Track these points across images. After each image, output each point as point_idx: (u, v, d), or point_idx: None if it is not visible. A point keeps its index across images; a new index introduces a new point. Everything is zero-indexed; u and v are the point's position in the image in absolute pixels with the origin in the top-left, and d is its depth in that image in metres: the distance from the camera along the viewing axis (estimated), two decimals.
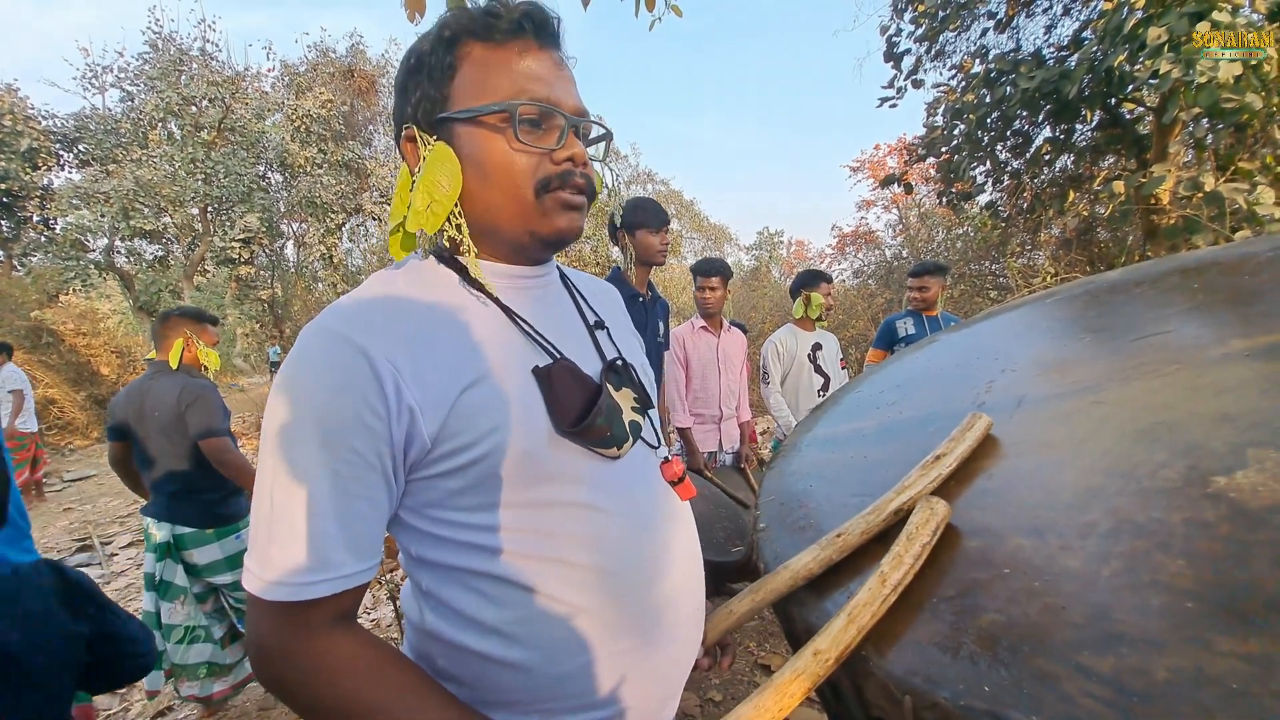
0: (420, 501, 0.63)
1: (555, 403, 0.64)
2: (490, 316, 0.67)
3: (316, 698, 0.56)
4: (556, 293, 0.78)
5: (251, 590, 0.57)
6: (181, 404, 2.21)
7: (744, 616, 0.82)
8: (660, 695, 0.70)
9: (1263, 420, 0.68)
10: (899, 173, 7.64)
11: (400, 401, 0.58)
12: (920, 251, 11.09)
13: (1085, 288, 1.35)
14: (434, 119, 0.67)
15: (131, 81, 13.44)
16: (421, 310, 0.64)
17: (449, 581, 0.64)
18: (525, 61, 0.66)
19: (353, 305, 0.63)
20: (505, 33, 0.66)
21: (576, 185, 0.68)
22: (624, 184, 18.16)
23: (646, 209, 2.43)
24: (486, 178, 0.66)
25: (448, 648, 0.65)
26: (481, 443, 0.60)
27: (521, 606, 0.62)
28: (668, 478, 0.75)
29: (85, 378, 10.53)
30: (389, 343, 0.59)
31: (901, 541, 0.67)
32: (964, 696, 0.51)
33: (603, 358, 0.74)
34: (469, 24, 0.66)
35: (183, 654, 2.29)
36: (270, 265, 16.19)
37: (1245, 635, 0.46)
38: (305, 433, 0.56)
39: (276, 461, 0.57)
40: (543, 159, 0.66)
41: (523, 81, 0.65)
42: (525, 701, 0.63)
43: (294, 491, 0.56)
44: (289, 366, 0.59)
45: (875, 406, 1.24)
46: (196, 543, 2.27)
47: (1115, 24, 4.41)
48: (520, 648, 0.62)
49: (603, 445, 0.66)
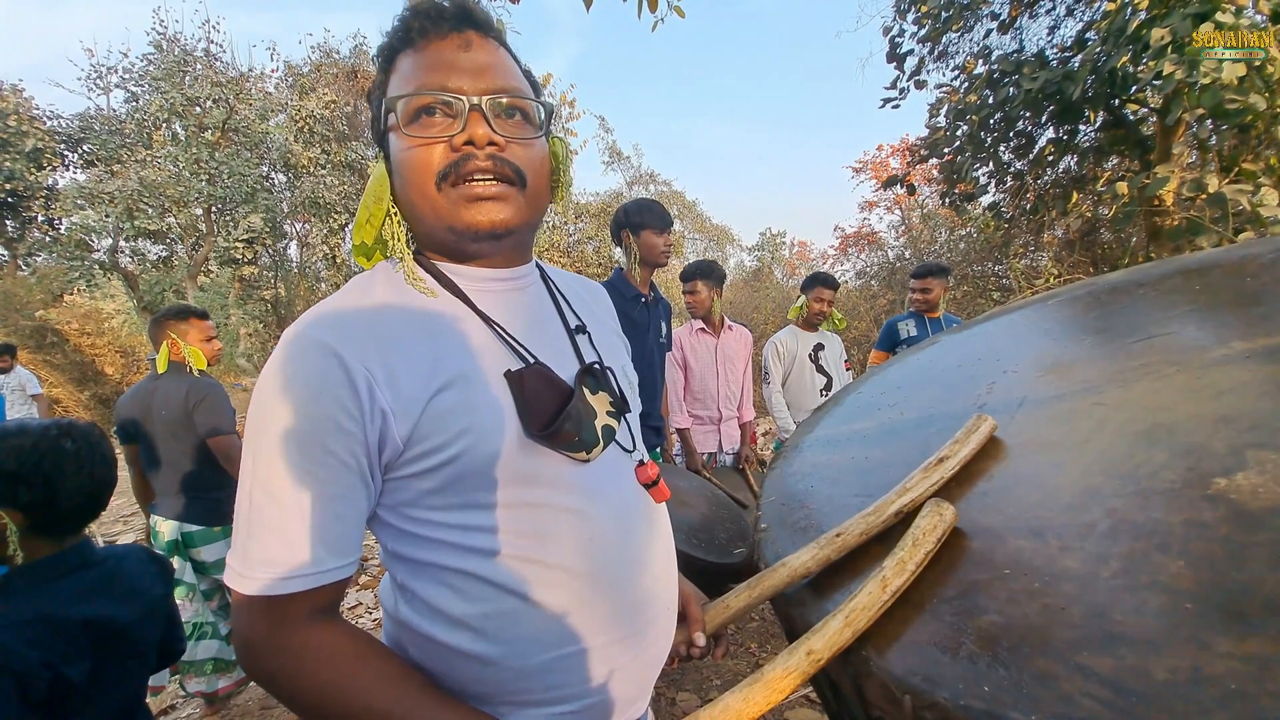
0: (395, 500, 0.65)
1: (526, 407, 0.65)
2: (465, 321, 0.68)
3: (298, 688, 0.58)
4: (536, 295, 0.78)
5: (232, 586, 0.59)
6: (189, 402, 2.25)
7: (739, 611, 0.83)
8: (629, 693, 0.71)
9: (1262, 422, 0.68)
10: (902, 174, 7.62)
11: (374, 404, 0.59)
12: (923, 253, 11.08)
13: (1087, 289, 1.35)
14: (379, 137, 0.71)
15: (136, 82, 13.49)
16: (396, 315, 0.65)
17: (422, 576, 0.65)
18: (424, 55, 0.66)
19: (329, 311, 0.64)
20: (417, 32, 0.67)
21: (479, 169, 0.64)
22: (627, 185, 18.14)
23: (651, 210, 2.45)
24: (401, 180, 0.68)
25: (419, 638, 0.66)
26: (452, 445, 0.61)
27: (491, 602, 0.63)
28: (642, 480, 0.75)
29: (90, 377, 10.58)
30: (363, 347, 0.61)
31: (906, 546, 0.67)
32: (964, 696, 0.51)
33: (581, 361, 0.74)
34: (394, 38, 0.69)
35: (190, 650, 2.31)
36: (274, 265, 16.23)
37: (1244, 636, 0.47)
38: (283, 435, 0.58)
39: (256, 462, 0.59)
40: (444, 149, 0.64)
41: (420, 75, 0.65)
42: (492, 694, 0.65)
43: (272, 491, 0.58)
44: (269, 371, 0.61)
45: (877, 407, 1.24)
46: (205, 540, 2.31)
47: (1118, 25, 4.40)
48: (487, 641, 0.63)
49: (571, 449, 0.67)
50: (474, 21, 0.68)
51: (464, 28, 0.67)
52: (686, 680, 2.51)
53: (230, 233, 13.98)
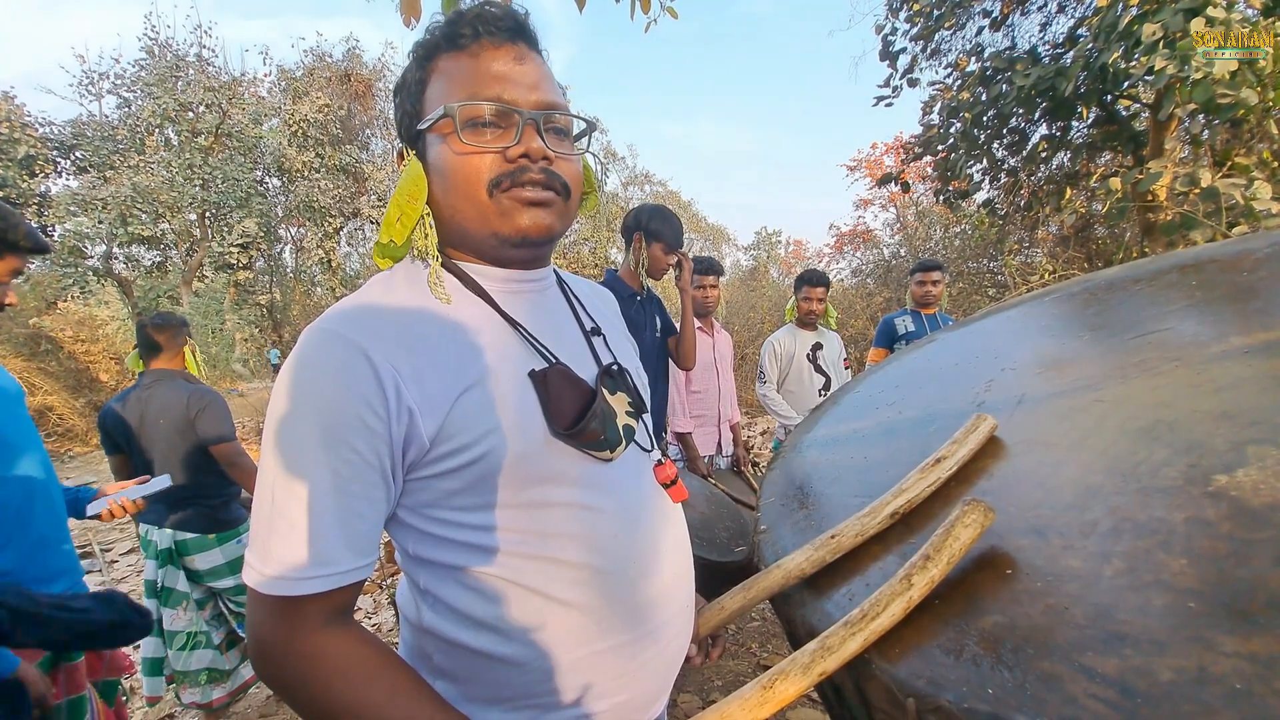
0: (418, 501, 0.64)
1: (550, 406, 0.65)
2: (487, 320, 0.68)
3: (312, 696, 0.57)
4: (554, 297, 0.79)
5: (250, 584, 0.58)
6: (191, 410, 2.23)
7: (735, 613, 0.83)
8: (651, 690, 0.71)
9: (1263, 418, 0.68)
10: (896, 171, 7.64)
11: (400, 402, 0.59)
12: (918, 250, 11.09)
13: (1083, 285, 1.35)
14: (411, 134, 0.70)
15: (128, 88, 13.44)
16: (421, 313, 0.65)
17: (446, 579, 0.65)
18: (479, 62, 0.66)
19: (354, 307, 0.64)
20: (467, 37, 0.67)
21: (533, 181, 0.66)
22: (622, 185, 18.14)
23: (671, 226, 2.40)
24: (445, 184, 0.67)
25: (444, 644, 0.66)
26: (478, 444, 0.61)
27: (517, 603, 0.63)
28: (660, 480, 0.76)
29: (84, 384, 10.51)
30: (389, 345, 0.60)
31: (940, 565, 0.63)
32: (967, 699, 0.51)
33: (598, 362, 0.75)
34: (437, 37, 0.68)
35: (185, 660, 2.29)
36: (268, 270, 16.18)
37: (1248, 634, 0.46)
38: (307, 432, 0.57)
39: (278, 459, 0.58)
40: (496, 158, 0.65)
41: (473, 83, 0.65)
42: (520, 696, 0.65)
43: (295, 489, 0.57)
44: (291, 367, 0.60)
45: (875, 407, 1.24)
46: (199, 548, 2.29)
47: (1110, 21, 4.42)
48: (515, 644, 0.63)
49: (596, 448, 0.67)
50: (526, 35, 0.69)
51: (517, 40, 0.68)
52: (688, 681, 2.51)
53: (224, 238, 13.94)
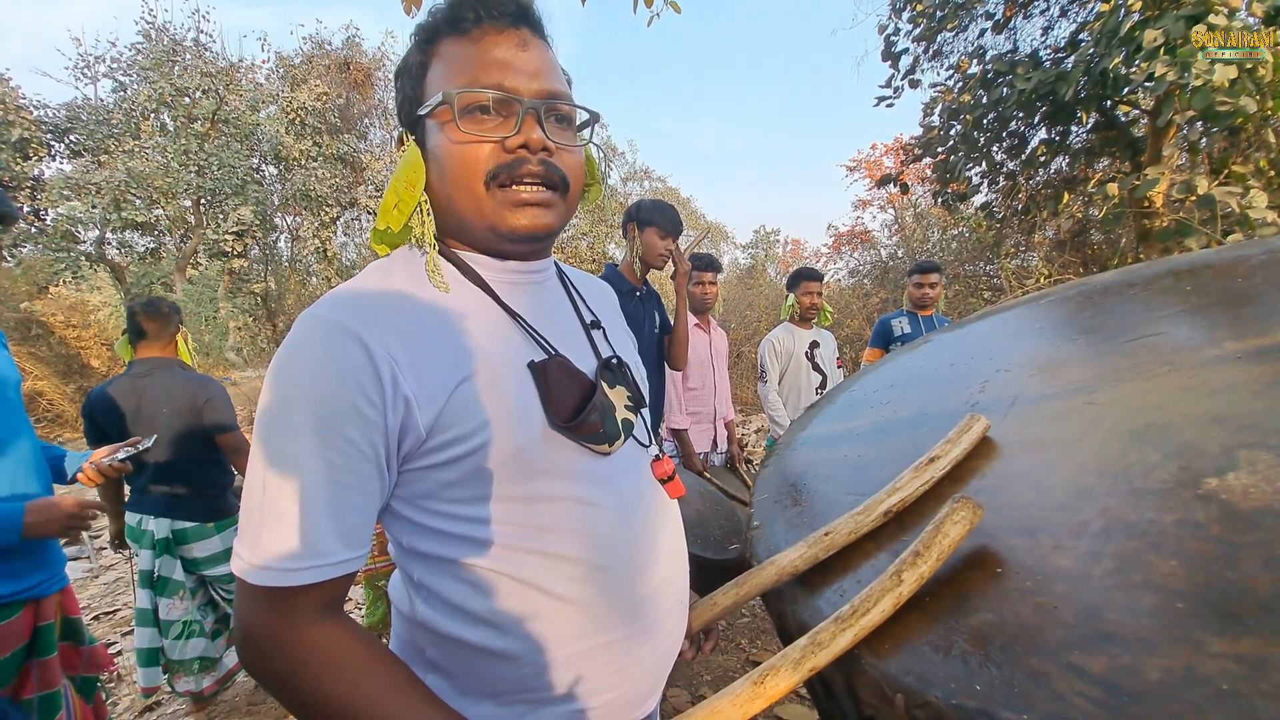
0: (413, 493, 0.63)
1: (550, 398, 0.64)
2: (487, 310, 0.67)
3: (301, 689, 0.56)
4: (554, 289, 0.78)
5: (239, 573, 0.56)
6: (199, 399, 2.23)
7: (727, 609, 0.83)
8: (644, 686, 0.71)
9: (1254, 422, 0.68)
10: (895, 173, 7.65)
11: (397, 391, 0.58)
12: (916, 251, 11.12)
13: (1079, 289, 1.36)
14: (411, 120, 0.68)
15: (124, 72, 13.29)
16: (419, 302, 0.64)
17: (440, 572, 0.64)
18: (480, 48, 0.64)
19: (350, 295, 0.62)
20: (470, 21, 0.65)
21: (531, 174, 0.64)
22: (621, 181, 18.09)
23: (664, 212, 2.43)
24: (443, 173, 0.66)
25: (437, 638, 0.65)
26: (476, 435, 0.60)
27: (512, 598, 0.62)
28: (658, 475, 0.76)
29: (75, 370, 10.44)
30: (386, 333, 0.59)
31: (929, 560, 0.63)
32: (956, 695, 0.51)
33: (598, 355, 0.74)
34: (439, 20, 0.66)
35: (180, 649, 2.29)
36: (264, 258, 16.06)
37: (1236, 636, 0.47)
38: (300, 420, 0.56)
39: (270, 447, 0.56)
40: (494, 148, 0.64)
41: (474, 69, 0.64)
42: (513, 691, 0.64)
43: (287, 478, 0.55)
44: (285, 353, 0.59)
45: (869, 406, 1.24)
46: (198, 536, 2.29)
47: (1111, 26, 4.43)
48: (509, 638, 0.63)
49: (595, 441, 0.66)
50: (530, 20, 0.67)
51: (520, 25, 0.66)
52: (678, 676, 2.52)
53: (220, 225, 13.83)
